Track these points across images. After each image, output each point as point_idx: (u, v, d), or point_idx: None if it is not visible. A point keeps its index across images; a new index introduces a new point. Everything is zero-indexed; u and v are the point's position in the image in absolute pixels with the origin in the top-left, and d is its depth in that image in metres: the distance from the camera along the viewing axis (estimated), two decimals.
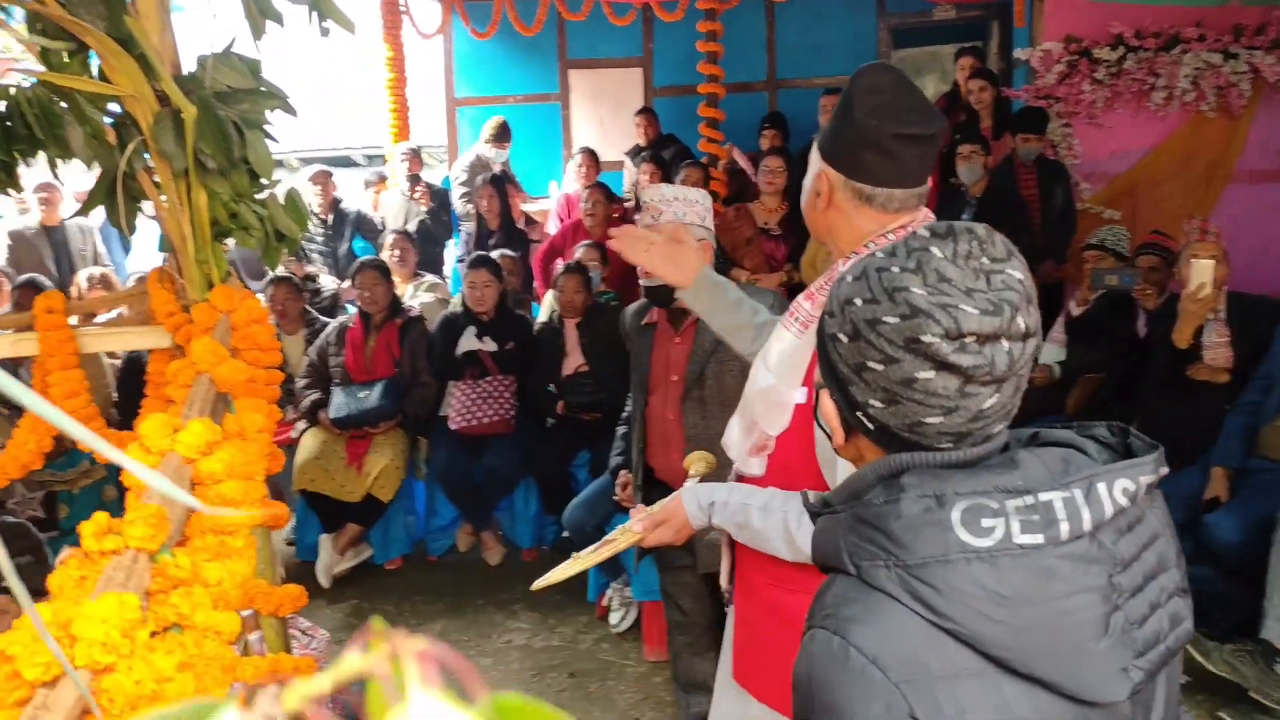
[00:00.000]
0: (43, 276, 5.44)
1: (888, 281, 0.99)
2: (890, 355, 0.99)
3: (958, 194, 5.70)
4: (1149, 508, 1.05)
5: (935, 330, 0.96)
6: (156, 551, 1.00)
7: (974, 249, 1.00)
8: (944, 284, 0.97)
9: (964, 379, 0.97)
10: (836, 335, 1.05)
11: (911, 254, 1.00)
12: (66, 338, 2.18)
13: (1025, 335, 0.99)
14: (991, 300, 0.97)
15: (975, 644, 0.95)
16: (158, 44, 1.96)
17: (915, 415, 1.00)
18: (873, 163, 1.62)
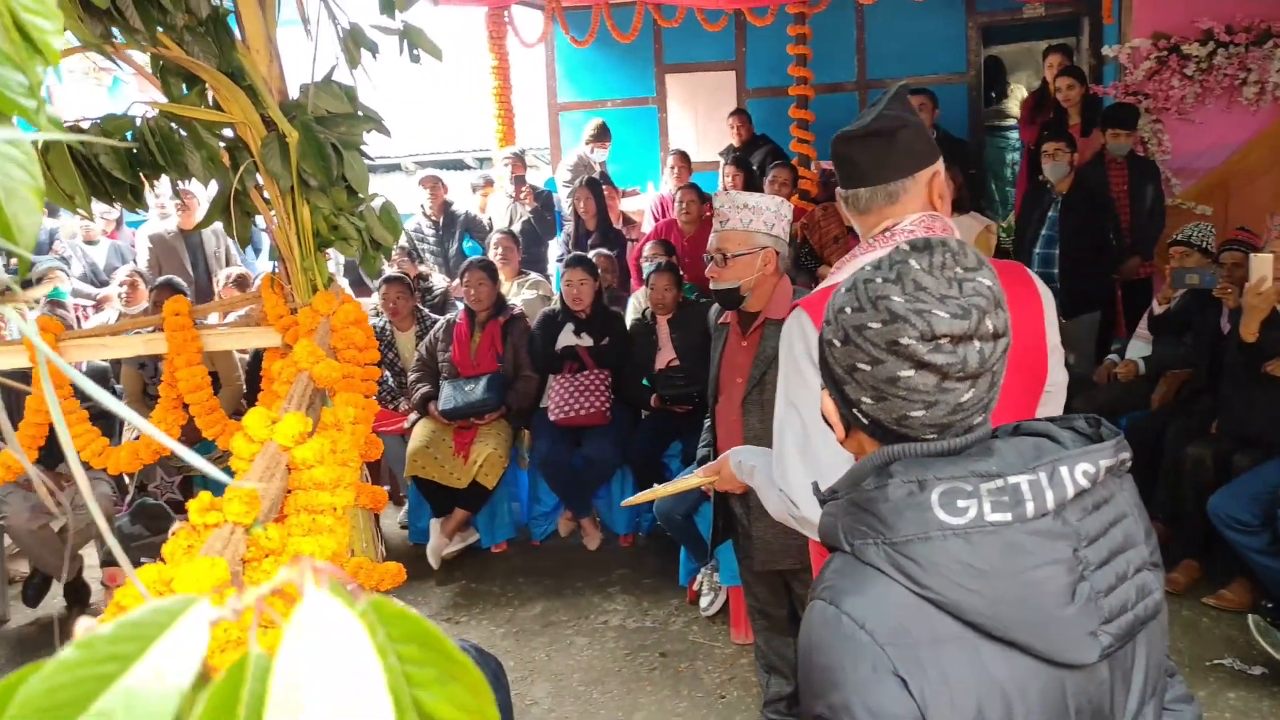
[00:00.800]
0: (179, 278, 5.75)
1: (872, 291, 1.09)
2: (876, 357, 1.08)
3: (1044, 191, 5.54)
4: (1118, 490, 1.12)
5: (912, 333, 1.05)
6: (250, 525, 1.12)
7: (948, 260, 1.09)
8: (920, 292, 1.06)
9: (941, 376, 1.06)
10: (831, 340, 1.14)
11: (893, 266, 1.10)
12: (191, 337, 2.36)
13: (995, 335, 1.07)
14: (962, 305, 1.05)
15: (954, 611, 1.03)
16: (265, 74, 2.11)
17: (901, 410, 1.09)
18: (840, 170, 1.74)
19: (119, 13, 1.81)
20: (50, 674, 0.31)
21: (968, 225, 5.07)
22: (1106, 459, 1.08)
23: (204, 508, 1.08)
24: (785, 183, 6.19)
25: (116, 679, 0.31)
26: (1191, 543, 4.10)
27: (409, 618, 0.38)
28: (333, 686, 0.31)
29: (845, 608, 1.05)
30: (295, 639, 0.33)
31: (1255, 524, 3.59)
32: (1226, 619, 3.85)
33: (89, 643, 0.32)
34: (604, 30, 7.68)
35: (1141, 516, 1.15)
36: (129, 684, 0.31)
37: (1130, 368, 4.89)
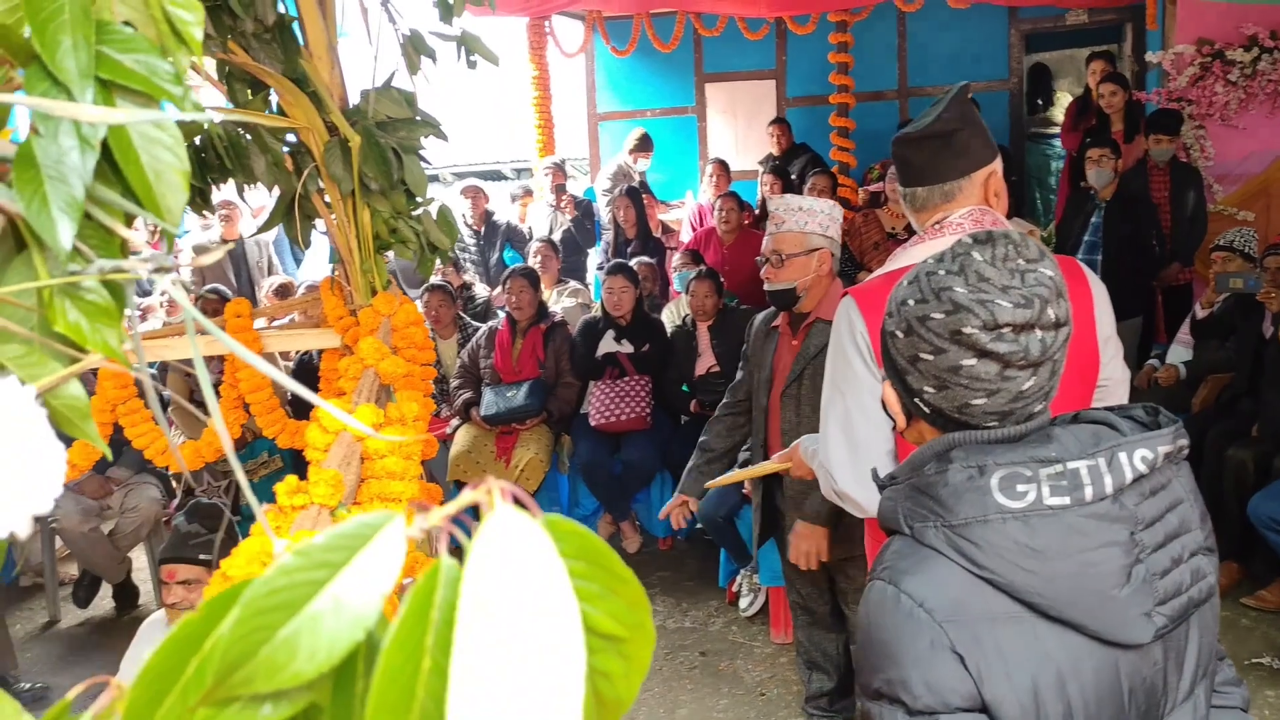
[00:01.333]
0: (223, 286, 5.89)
1: (935, 283, 1.12)
2: (938, 346, 1.11)
3: (1087, 197, 5.53)
4: (1175, 476, 1.14)
5: (975, 323, 1.08)
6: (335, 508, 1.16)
7: (1010, 252, 1.11)
8: (983, 283, 1.09)
9: (1003, 364, 1.08)
10: (894, 332, 1.17)
11: (956, 259, 1.13)
12: (253, 339, 2.43)
13: (1057, 324, 1.09)
14: (1024, 295, 1.07)
15: (1011, 591, 1.05)
16: (328, 80, 2.17)
17: (963, 398, 1.12)
18: (900, 169, 1.84)
19: None
20: (270, 578, 0.35)
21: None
22: (1165, 445, 1.10)
23: (291, 490, 1.13)
24: (824, 191, 6.19)
25: (326, 584, 0.35)
26: (1231, 544, 4.08)
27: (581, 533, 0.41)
28: (521, 592, 0.35)
29: (905, 587, 1.08)
30: (483, 548, 0.36)
31: None
32: (1266, 619, 3.87)
33: (305, 550, 0.36)
34: (644, 40, 7.74)
35: (1197, 502, 1.17)
36: (337, 590, 0.35)
37: (1171, 373, 4.88)
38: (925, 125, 1.75)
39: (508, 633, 0.34)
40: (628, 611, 0.40)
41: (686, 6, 7.28)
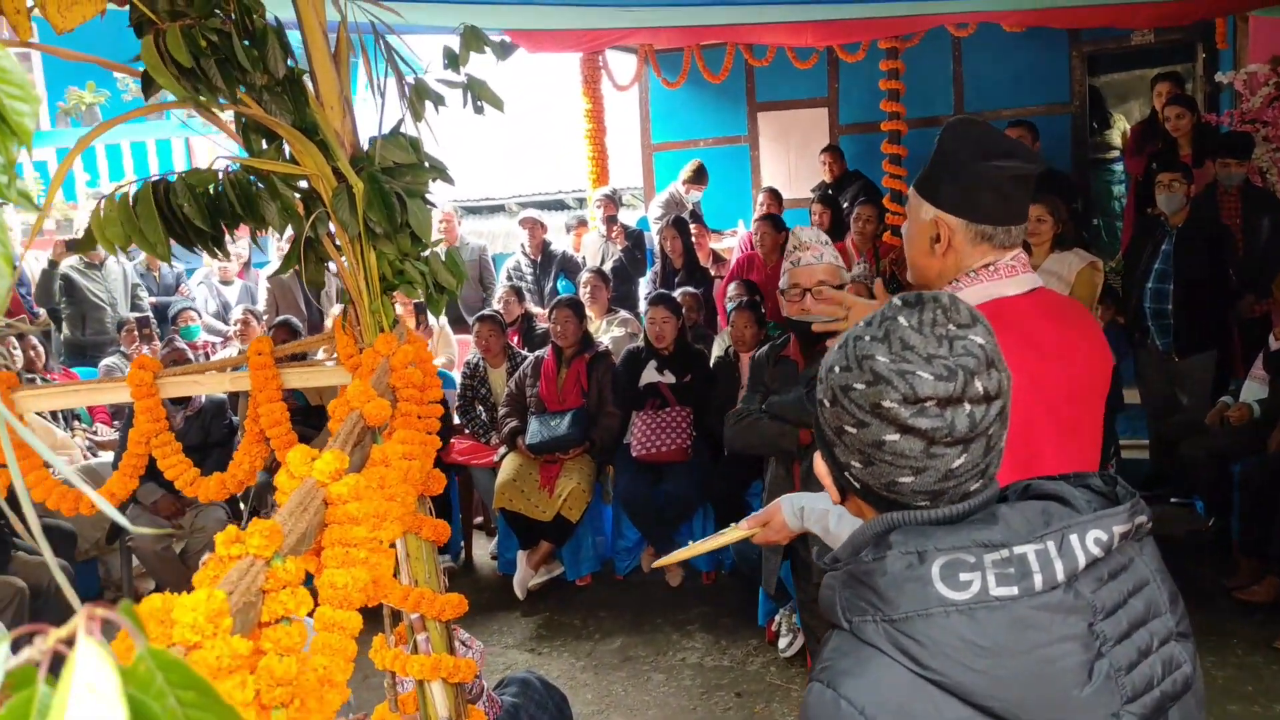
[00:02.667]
0: (294, 317, 6.15)
1: (859, 350, 1.04)
2: (861, 420, 1.03)
3: (1157, 224, 5.35)
4: (1137, 555, 1.06)
5: (894, 396, 1.00)
6: (270, 558, 1.21)
7: (939, 317, 1.03)
8: (907, 351, 1.01)
9: (927, 441, 1.00)
10: (821, 400, 1.10)
11: (883, 323, 1.05)
12: (273, 375, 2.52)
13: (987, 398, 1.01)
14: (948, 366, 0.99)
15: (961, 694, 0.96)
16: (339, 129, 2.25)
17: (889, 475, 1.04)
18: (991, 204, 1.70)
19: (203, 73, 1.98)
20: None
21: (1072, 262, 4.93)
22: (1120, 524, 1.02)
23: (229, 540, 1.18)
24: (870, 219, 6.18)
25: None
26: None
27: (183, 667, 0.46)
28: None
29: (844, 691, 1.00)
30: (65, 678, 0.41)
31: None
32: None
33: None
34: (695, 71, 7.82)
35: (1165, 582, 1.07)
36: None
37: (1244, 411, 4.69)
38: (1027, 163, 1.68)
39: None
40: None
41: (735, 38, 7.34)
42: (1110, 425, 5.65)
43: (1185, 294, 5.16)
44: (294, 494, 1.38)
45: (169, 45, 1.95)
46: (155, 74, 1.95)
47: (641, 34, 7.21)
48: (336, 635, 1.45)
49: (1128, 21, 6.69)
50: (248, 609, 1.20)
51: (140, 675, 0.48)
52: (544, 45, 6.89)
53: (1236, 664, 3.76)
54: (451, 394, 5.85)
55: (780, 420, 3.49)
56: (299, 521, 1.34)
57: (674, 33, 7.11)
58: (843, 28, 6.68)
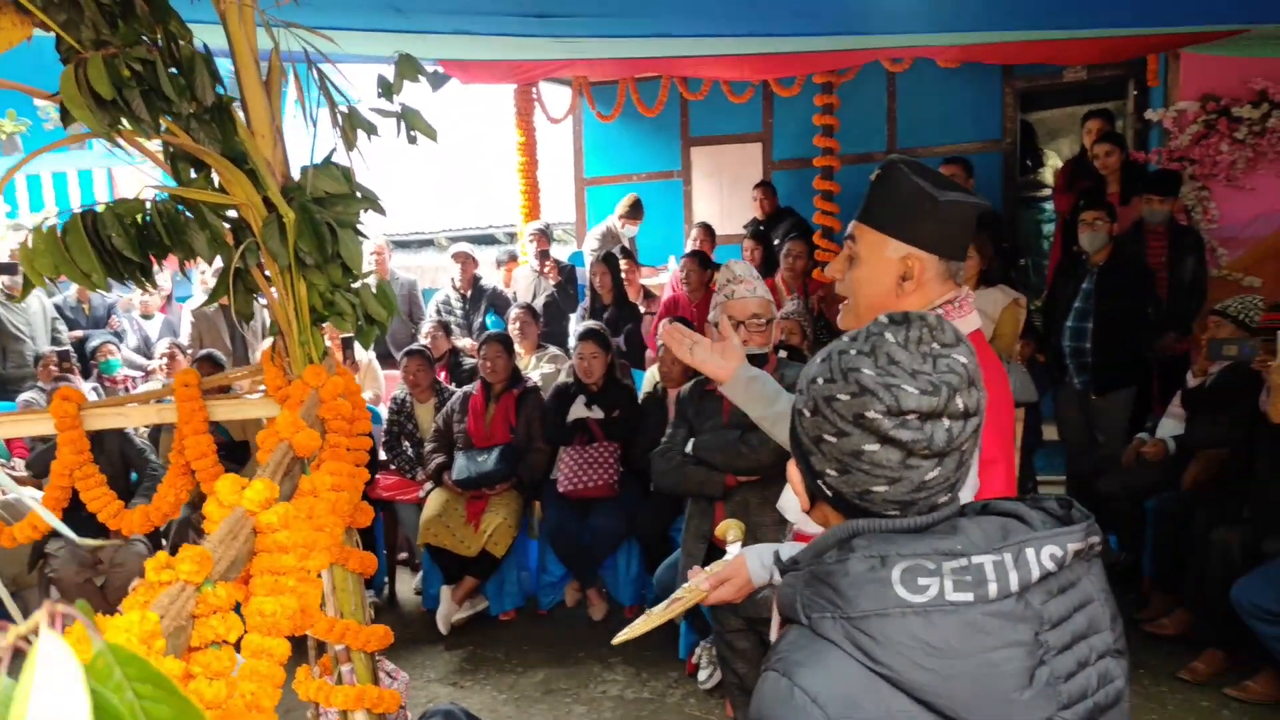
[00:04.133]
0: (218, 351, 6.14)
1: (845, 363, 1.12)
2: (842, 429, 1.11)
3: (1079, 262, 5.50)
4: (1085, 574, 1.16)
5: (878, 407, 1.08)
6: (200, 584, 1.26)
7: (924, 335, 1.12)
8: (893, 366, 1.09)
9: (905, 452, 1.09)
10: (801, 410, 1.18)
11: (869, 338, 1.13)
12: (198, 407, 2.55)
13: (965, 414, 1.09)
14: (933, 381, 1.08)
15: (908, 689, 1.05)
16: (270, 158, 2.32)
17: (864, 484, 1.12)
18: (957, 240, 1.77)
19: (125, 104, 2.03)
20: None
21: (997, 298, 5.13)
22: (1075, 543, 1.11)
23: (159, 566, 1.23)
24: (800, 255, 6.37)
25: None
26: (1216, 631, 4.07)
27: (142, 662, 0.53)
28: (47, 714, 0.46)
29: (798, 680, 1.07)
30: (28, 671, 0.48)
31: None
32: (1251, 712, 3.83)
33: None
34: (630, 104, 7.99)
35: (1108, 602, 1.17)
36: None
37: (1159, 447, 4.87)
38: (975, 199, 1.75)
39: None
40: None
41: (671, 71, 7.53)
42: (1029, 462, 5.85)
43: (1104, 332, 5.31)
44: (224, 521, 1.44)
45: (90, 76, 1.99)
46: (71, 106, 1.98)
47: (576, 66, 7.36)
48: (265, 662, 1.51)
49: (1062, 58, 6.86)
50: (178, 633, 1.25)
51: (99, 669, 0.53)
52: (477, 76, 7.00)
53: (1144, 693, 4.00)
54: (377, 430, 5.87)
55: (707, 465, 3.61)
56: (228, 549, 1.40)
57: (609, 65, 7.27)
58: (778, 61, 6.89)
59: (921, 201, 1.72)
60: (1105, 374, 5.36)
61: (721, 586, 1.99)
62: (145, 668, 0.53)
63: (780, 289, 6.25)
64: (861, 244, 1.81)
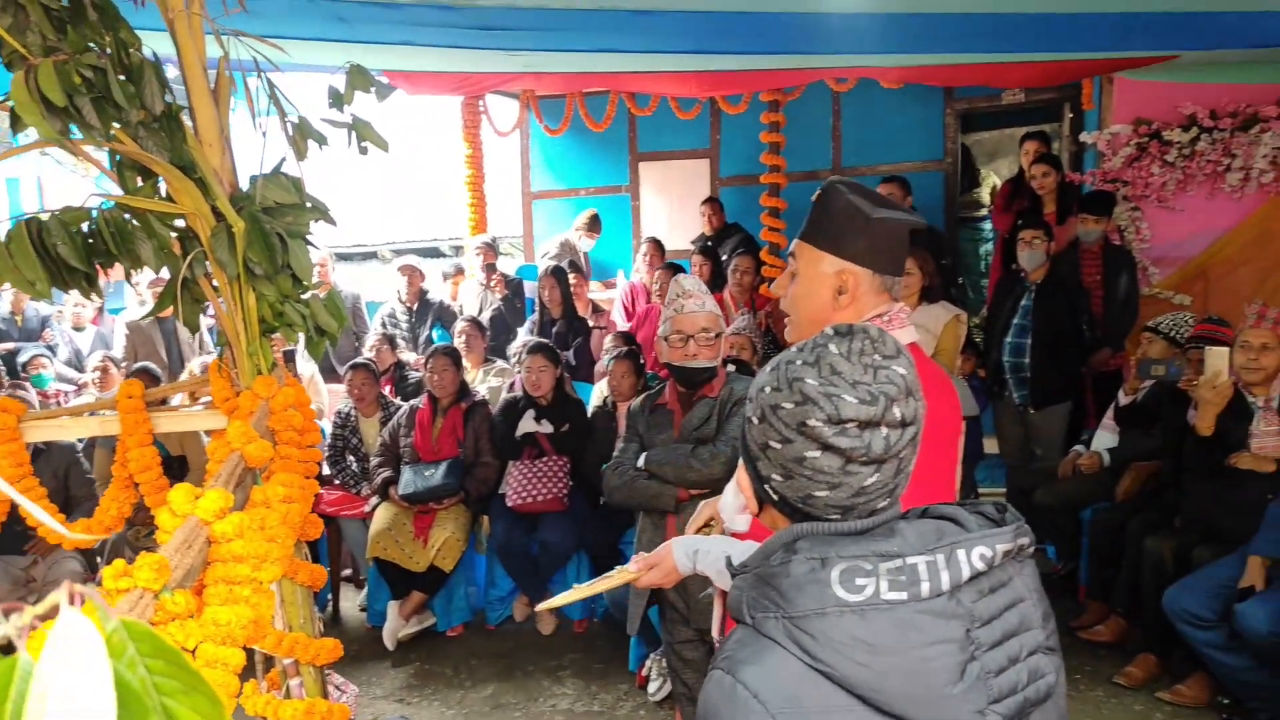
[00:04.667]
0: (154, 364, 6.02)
1: (790, 373, 1.17)
2: (786, 436, 1.16)
3: (1017, 280, 5.67)
4: (1017, 574, 1.21)
5: (819, 416, 1.13)
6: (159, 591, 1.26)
7: (866, 347, 1.17)
8: (835, 376, 1.15)
9: (845, 459, 1.14)
10: (750, 418, 1.23)
11: (814, 349, 1.18)
12: (143, 419, 2.53)
13: (903, 423, 1.15)
14: (871, 391, 1.13)
15: (846, 685, 1.10)
16: (218, 167, 2.32)
17: (806, 489, 1.17)
18: (890, 255, 1.85)
19: (76, 110, 2.02)
20: None
21: (938, 314, 5.23)
22: (1004, 544, 1.16)
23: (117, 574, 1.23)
24: (748, 271, 6.46)
25: None
26: (1150, 637, 4.20)
27: (155, 637, 0.55)
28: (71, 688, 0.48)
29: (741, 677, 1.12)
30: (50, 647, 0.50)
31: (1212, 619, 3.69)
32: (1182, 715, 3.95)
33: None
34: (577, 118, 8.01)
35: (1040, 601, 1.22)
36: None
37: (1094, 460, 5.03)
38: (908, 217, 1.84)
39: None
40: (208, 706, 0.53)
41: (619, 86, 7.58)
42: (970, 474, 6.00)
43: (1042, 348, 5.47)
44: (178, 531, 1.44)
45: (41, 82, 1.98)
46: (24, 113, 1.98)
47: (524, 79, 7.38)
48: (219, 671, 1.51)
49: (1000, 80, 7.07)
50: None
51: (114, 645, 0.56)
52: (424, 87, 6.99)
53: (1080, 698, 4.12)
54: (320, 444, 5.82)
55: (659, 479, 3.66)
56: (184, 557, 1.40)
57: (556, 79, 7.30)
58: (725, 79, 6.98)
59: (855, 219, 1.80)
60: (1043, 389, 5.53)
61: (652, 570, 2.10)
62: (158, 644, 0.54)
63: (728, 304, 6.32)
64: (801, 260, 1.90)
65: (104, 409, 2.81)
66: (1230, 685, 3.77)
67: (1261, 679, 3.53)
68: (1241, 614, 3.54)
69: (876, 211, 1.79)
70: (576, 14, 4.60)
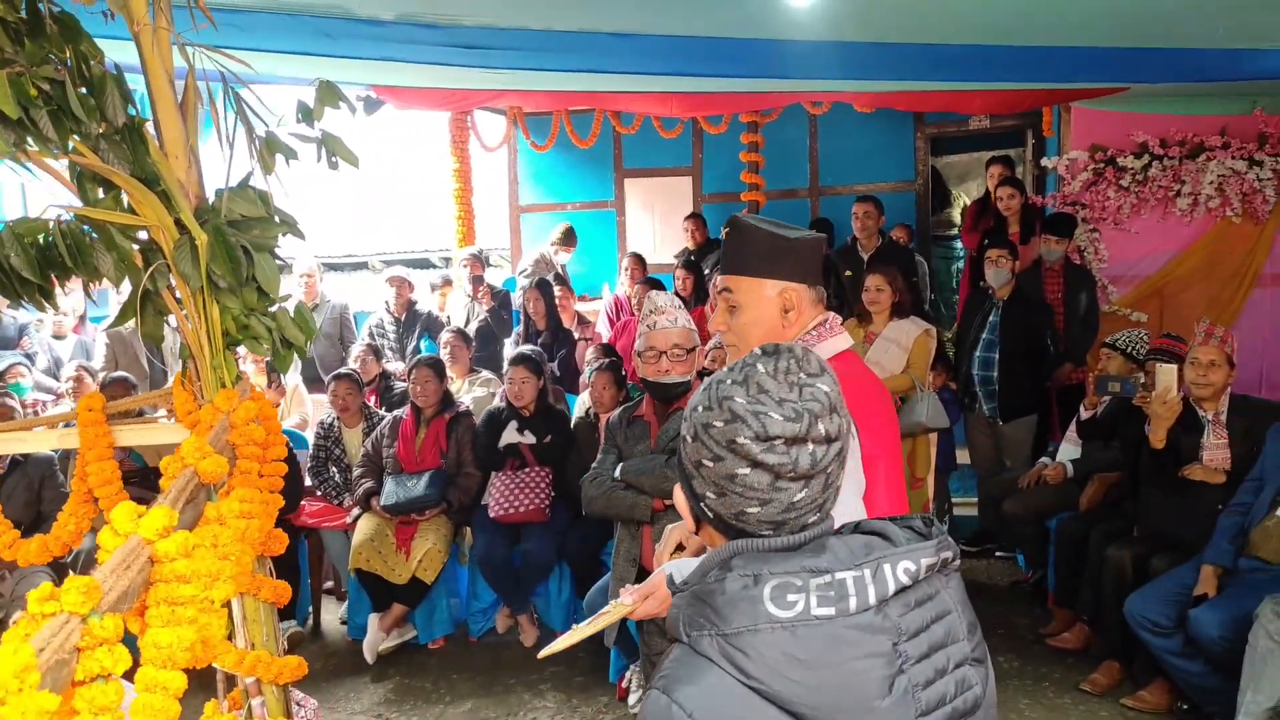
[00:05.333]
0: (133, 374, 5.86)
1: (720, 392, 1.16)
2: (717, 454, 1.14)
3: (985, 296, 5.68)
4: (943, 587, 1.19)
5: (747, 433, 1.11)
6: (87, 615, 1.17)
7: (792, 365, 1.16)
8: (762, 394, 1.13)
9: (774, 475, 1.12)
10: (685, 437, 1.21)
11: (743, 369, 1.17)
12: (103, 432, 2.41)
13: (828, 439, 1.13)
14: (797, 409, 1.12)
15: (778, 701, 1.07)
16: (183, 178, 2.21)
17: (739, 506, 1.15)
18: (815, 269, 1.97)
19: (32, 123, 1.92)
20: None
21: (909, 329, 5.23)
22: (927, 557, 1.14)
23: (43, 597, 1.14)
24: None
25: None
26: (1112, 645, 4.14)
27: None
28: None
29: (676, 697, 1.09)
30: None
31: (1169, 626, 3.65)
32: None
33: None
34: (564, 135, 7.96)
35: (966, 613, 1.20)
36: None
37: (1058, 471, 5.00)
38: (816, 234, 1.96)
39: None
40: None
41: (603, 105, 7.52)
42: (944, 484, 5.96)
43: (1009, 362, 5.48)
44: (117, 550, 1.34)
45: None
46: None
47: (510, 96, 7.31)
48: (159, 696, 1.41)
49: (964, 107, 7.16)
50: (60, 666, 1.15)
51: None
52: (411, 102, 6.91)
53: (1048, 705, 4.05)
54: (304, 455, 5.68)
55: (635, 489, 3.58)
56: (120, 579, 1.30)
57: (542, 96, 7.23)
58: (704, 100, 6.94)
59: (778, 243, 1.91)
60: (1010, 402, 5.54)
61: (647, 601, 2.05)
62: None
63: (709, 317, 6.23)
64: (739, 293, 1.96)
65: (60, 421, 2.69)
66: (1188, 690, 3.72)
67: (1215, 684, 3.48)
68: (1195, 620, 3.52)
69: (791, 233, 1.91)
70: (556, 35, 4.52)
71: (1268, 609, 3.21)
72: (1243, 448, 3.89)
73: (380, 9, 4.28)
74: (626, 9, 4.15)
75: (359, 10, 4.29)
